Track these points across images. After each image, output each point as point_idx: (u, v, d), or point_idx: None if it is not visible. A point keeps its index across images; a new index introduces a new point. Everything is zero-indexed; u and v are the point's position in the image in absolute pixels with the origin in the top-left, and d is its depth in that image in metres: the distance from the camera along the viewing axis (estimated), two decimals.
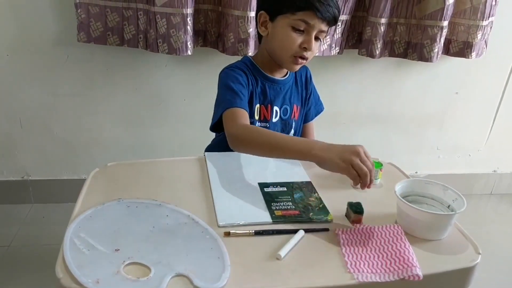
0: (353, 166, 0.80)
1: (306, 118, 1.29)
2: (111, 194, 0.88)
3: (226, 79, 1.10)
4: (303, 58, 1.07)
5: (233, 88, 1.06)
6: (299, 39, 1.04)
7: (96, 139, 1.82)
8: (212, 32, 1.63)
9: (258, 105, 1.15)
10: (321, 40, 1.09)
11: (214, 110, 1.11)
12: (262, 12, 1.09)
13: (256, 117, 1.15)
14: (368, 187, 0.82)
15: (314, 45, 1.06)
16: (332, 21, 1.04)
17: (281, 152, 0.91)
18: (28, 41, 1.60)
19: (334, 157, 0.82)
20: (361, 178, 0.81)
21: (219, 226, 0.81)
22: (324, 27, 1.04)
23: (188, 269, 0.68)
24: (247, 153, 0.98)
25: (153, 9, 1.47)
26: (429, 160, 2.15)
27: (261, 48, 1.17)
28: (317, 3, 1.00)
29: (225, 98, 1.06)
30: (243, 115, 1.03)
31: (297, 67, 1.12)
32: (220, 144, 1.16)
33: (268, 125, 1.17)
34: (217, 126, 1.09)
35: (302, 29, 1.03)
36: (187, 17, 1.49)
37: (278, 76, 1.17)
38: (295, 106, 1.21)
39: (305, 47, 1.05)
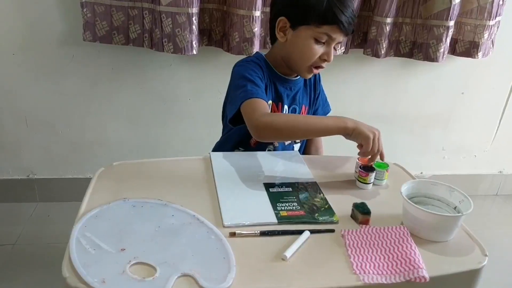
0: (373, 139, 0.94)
1: None
2: (116, 193, 0.89)
3: (242, 71, 1.08)
4: (321, 67, 1.09)
5: (251, 79, 1.05)
6: (320, 50, 1.05)
7: (101, 138, 1.82)
8: (217, 32, 1.62)
9: (270, 101, 1.14)
10: (336, 49, 1.10)
11: (230, 102, 1.09)
12: (282, 18, 1.06)
13: None
14: (369, 161, 0.98)
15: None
16: (350, 33, 1.07)
17: (313, 132, 1.02)
18: (33, 40, 1.61)
19: (363, 128, 0.95)
20: (371, 151, 0.94)
21: (224, 226, 0.81)
22: (342, 39, 1.06)
23: (193, 269, 0.68)
24: (275, 140, 1.04)
25: (158, 8, 1.47)
26: (434, 161, 2.14)
27: (275, 51, 1.16)
28: (343, 18, 1.00)
29: (245, 89, 1.03)
30: (265, 106, 1.02)
31: (311, 75, 1.14)
32: (230, 139, 1.17)
33: None
34: (235, 119, 1.07)
35: (323, 41, 1.04)
36: (192, 17, 1.49)
37: (289, 76, 1.17)
38: (303, 107, 1.21)
39: (325, 59, 1.06)
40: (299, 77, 1.19)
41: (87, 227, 0.77)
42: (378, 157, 0.97)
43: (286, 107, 1.17)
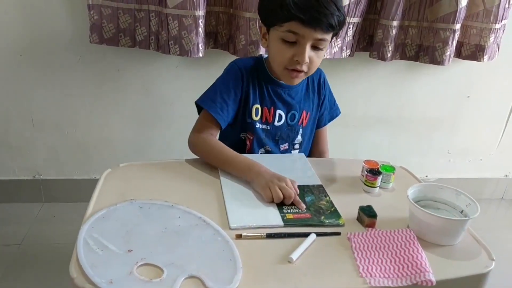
0: (270, 189, 0.90)
1: (319, 123, 1.27)
2: (123, 194, 0.89)
3: (223, 76, 1.14)
4: (298, 71, 1.02)
5: (221, 92, 1.10)
6: (290, 51, 0.99)
7: (106, 139, 1.83)
8: (223, 34, 1.63)
9: (257, 106, 1.13)
10: (323, 49, 1.02)
11: (204, 92, 1.15)
12: (261, 24, 1.07)
13: (256, 118, 1.14)
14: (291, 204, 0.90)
15: (314, 55, 1.01)
16: (328, 28, 0.96)
17: (227, 168, 1.00)
18: (41, 42, 1.62)
19: (263, 182, 0.92)
20: (276, 198, 0.90)
21: (230, 229, 0.81)
22: (319, 35, 0.97)
23: (200, 271, 0.69)
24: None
25: (165, 11, 1.48)
26: (440, 164, 2.14)
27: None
28: (301, 12, 0.93)
29: (209, 95, 1.12)
30: (212, 127, 1.10)
31: (296, 81, 1.08)
32: (224, 136, 1.18)
33: (269, 128, 1.16)
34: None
35: (293, 40, 0.98)
36: (198, 19, 1.49)
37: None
38: (304, 112, 1.19)
39: (297, 60, 1.00)
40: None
41: (95, 228, 0.77)
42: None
43: (280, 112, 1.15)
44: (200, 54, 1.55)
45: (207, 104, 1.10)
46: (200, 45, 1.53)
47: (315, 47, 1.00)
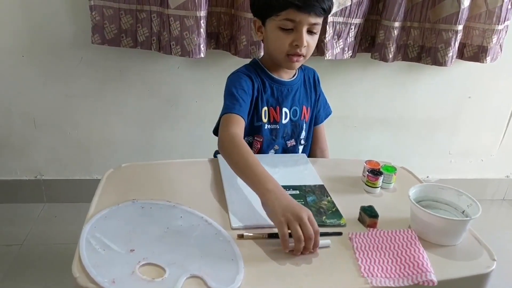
0: (288, 226, 0.76)
1: (316, 121, 1.29)
2: (125, 194, 0.89)
3: (230, 84, 1.13)
4: (298, 55, 1.08)
5: (234, 94, 1.08)
6: (289, 38, 1.05)
7: (108, 140, 1.84)
8: (224, 35, 1.63)
9: (265, 108, 1.15)
10: (317, 33, 1.08)
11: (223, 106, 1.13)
12: (255, 19, 1.12)
13: (265, 120, 1.16)
14: (304, 253, 0.76)
15: (310, 39, 1.06)
16: (321, 12, 1.03)
17: (243, 177, 0.90)
18: (43, 43, 1.63)
19: (277, 208, 0.78)
20: (294, 242, 0.75)
21: (232, 229, 0.82)
22: (313, 20, 1.04)
23: (202, 271, 0.69)
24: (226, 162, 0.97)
25: (166, 11, 1.48)
26: (441, 165, 2.14)
27: (264, 52, 1.20)
28: (295, 0, 1.00)
29: (226, 104, 1.09)
30: (238, 122, 1.04)
31: (296, 65, 1.12)
32: None
33: (278, 127, 1.17)
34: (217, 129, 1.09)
35: (290, 27, 1.04)
36: (200, 20, 1.49)
37: (286, 77, 1.18)
38: (304, 108, 1.22)
39: (297, 44, 1.05)
40: (295, 77, 1.20)
41: (97, 228, 0.78)
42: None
43: (286, 109, 1.18)
44: (202, 55, 1.55)
45: (225, 110, 1.07)
46: (201, 46, 1.54)
47: (310, 32, 1.06)
